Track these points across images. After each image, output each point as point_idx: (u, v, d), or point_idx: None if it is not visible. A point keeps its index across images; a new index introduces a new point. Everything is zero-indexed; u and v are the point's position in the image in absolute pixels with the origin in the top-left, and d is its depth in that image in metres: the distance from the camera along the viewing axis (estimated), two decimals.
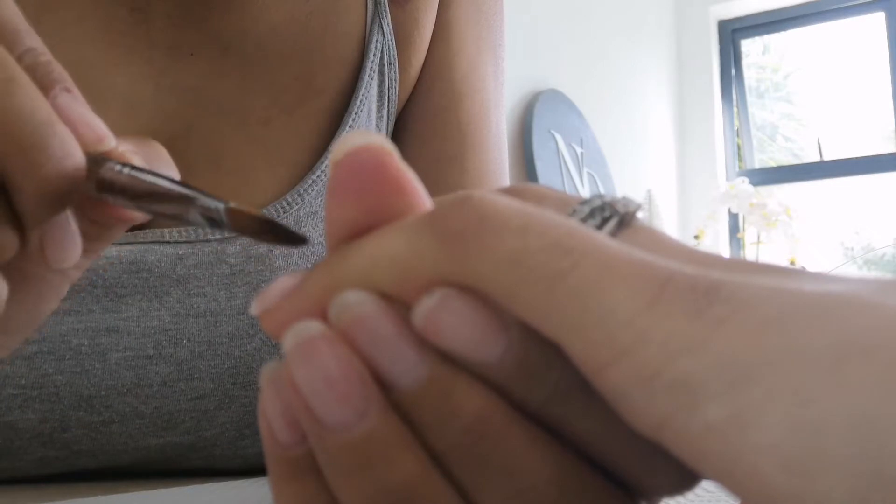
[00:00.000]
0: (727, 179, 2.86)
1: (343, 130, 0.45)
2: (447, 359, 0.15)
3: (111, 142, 0.23)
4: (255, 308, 0.17)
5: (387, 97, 0.48)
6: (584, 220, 0.18)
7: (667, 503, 0.27)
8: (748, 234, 2.62)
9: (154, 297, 0.40)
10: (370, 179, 0.16)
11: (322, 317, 0.16)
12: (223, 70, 0.44)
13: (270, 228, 0.20)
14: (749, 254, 2.62)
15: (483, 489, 0.15)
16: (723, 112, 2.99)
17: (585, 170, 2.17)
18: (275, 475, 0.17)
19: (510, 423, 0.15)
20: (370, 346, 0.15)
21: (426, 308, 0.15)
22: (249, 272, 0.41)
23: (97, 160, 0.23)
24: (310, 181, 0.44)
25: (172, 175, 0.24)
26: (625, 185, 2.43)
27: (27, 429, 0.39)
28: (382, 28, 0.48)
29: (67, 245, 0.24)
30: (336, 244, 0.17)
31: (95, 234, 0.24)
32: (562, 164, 2.05)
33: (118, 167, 0.23)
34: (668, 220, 2.76)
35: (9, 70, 0.20)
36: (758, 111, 3.16)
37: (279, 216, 0.42)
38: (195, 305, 0.40)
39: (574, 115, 2.19)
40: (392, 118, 0.49)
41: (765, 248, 2.47)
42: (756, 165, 3.00)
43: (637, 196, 2.57)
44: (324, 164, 0.44)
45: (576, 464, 0.15)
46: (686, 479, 0.16)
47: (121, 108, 0.42)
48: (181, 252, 0.41)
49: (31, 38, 0.23)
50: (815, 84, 3.17)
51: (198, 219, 0.21)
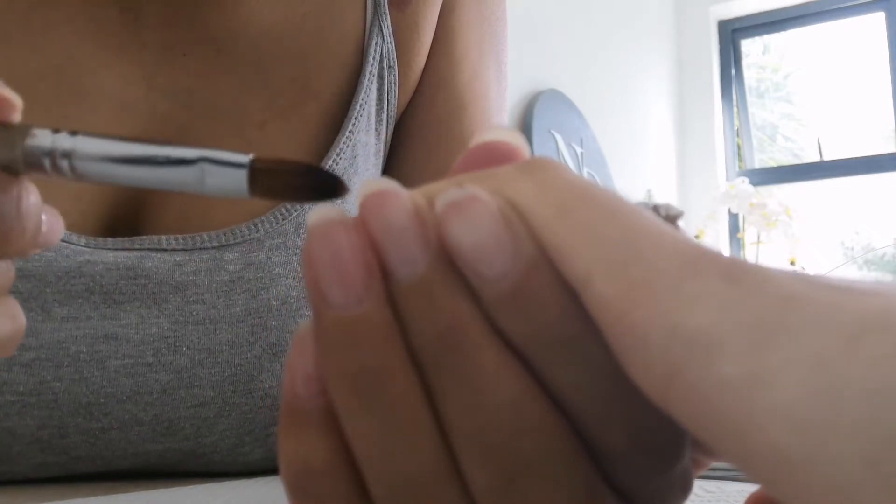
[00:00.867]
0: (727, 179, 2.86)
1: (343, 136, 0.45)
2: (445, 266, 0.16)
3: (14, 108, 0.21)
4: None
5: (386, 101, 0.48)
6: None
7: None
8: (748, 234, 2.62)
9: (153, 304, 0.40)
10: (497, 162, 0.18)
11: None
12: (217, 71, 0.44)
13: (308, 174, 0.19)
14: (749, 254, 2.62)
15: (446, 396, 0.16)
16: (723, 112, 2.99)
17: (585, 170, 2.17)
18: (284, 424, 0.17)
19: (482, 342, 0.16)
20: (380, 231, 0.16)
21: (452, 196, 0.16)
22: (248, 279, 0.41)
23: (6, 133, 0.20)
24: None
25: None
26: (625, 185, 2.43)
27: (25, 435, 0.39)
28: (382, 31, 0.47)
29: (56, 231, 0.24)
30: None
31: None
32: None
33: (46, 138, 0.20)
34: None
35: None
36: (758, 111, 3.16)
37: (278, 223, 0.42)
38: (194, 312, 0.40)
39: (574, 115, 2.19)
40: (392, 122, 0.49)
41: (765, 248, 2.47)
42: (756, 165, 3.00)
43: (637, 196, 2.57)
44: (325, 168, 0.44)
45: (540, 400, 0.16)
46: (655, 470, 0.16)
47: (112, 111, 0.42)
48: (179, 259, 0.40)
49: None
50: (815, 84, 3.17)
51: (188, 180, 0.20)
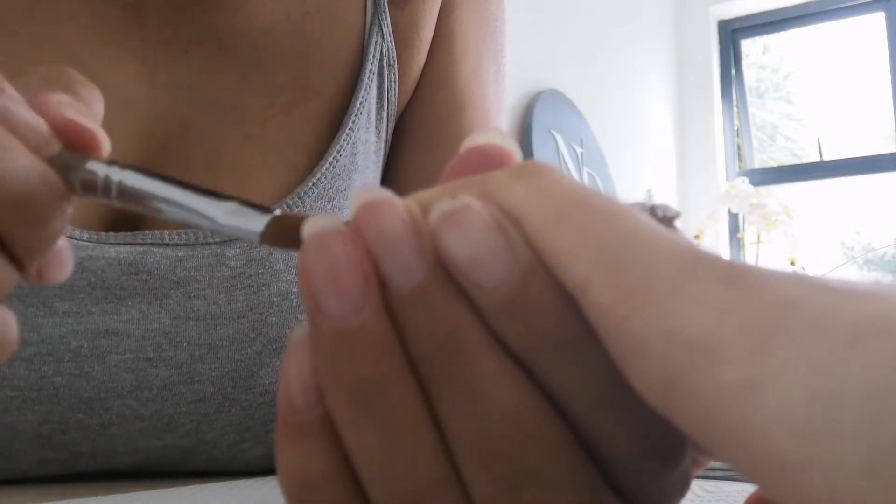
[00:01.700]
0: (727, 179, 2.86)
1: (343, 133, 0.45)
2: (443, 274, 0.16)
3: (55, 146, 0.22)
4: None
5: (386, 99, 0.48)
6: None
7: None
8: (748, 234, 2.62)
9: (154, 300, 0.40)
10: (491, 166, 0.18)
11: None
12: (219, 68, 0.44)
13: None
14: (749, 254, 2.62)
15: (446, 404, 0.16)
16: (723, 112, 2.99)
17: (585, 170, 2.17)
18: (282, 435, 0.17)
19: (482, 349, 0.15)
20: (376, 241, 0.16)
21: (446, 208, 0.16)
22: (250, 275, 0.41)
23: (71, 160, 0.22)
24: (310, 184, 0.44)
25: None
26: (625, 185, 2.43)
27: (26, 430, 0.39)
28: (382, 29, 0.47)
29: (64, 264, 0.24)
30: None
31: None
32: (562, 164, 2.05)
33: (102, 168, 0.22)
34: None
35: None
36: (758, 111, 3.16)
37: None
38: (195, 308, 0.40)
39: (574, 115, 2.19)
40: (392, 120, 0.49)
41: (765, 248, 2.47)
42: (756, 165, 3.00)
43: (637, 196, 2.57)
44: (324, 167, 0.44)
45: (542, 408, 0.16)
46: (656, 474, 0.16)
47: (115, 108, 0.41)
48: (180, 254, 0.40)
49: None
50: (815, 84, 3.17)
51: (217, 225, 0.21)
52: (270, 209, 0.20)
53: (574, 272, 0.15)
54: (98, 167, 0.22)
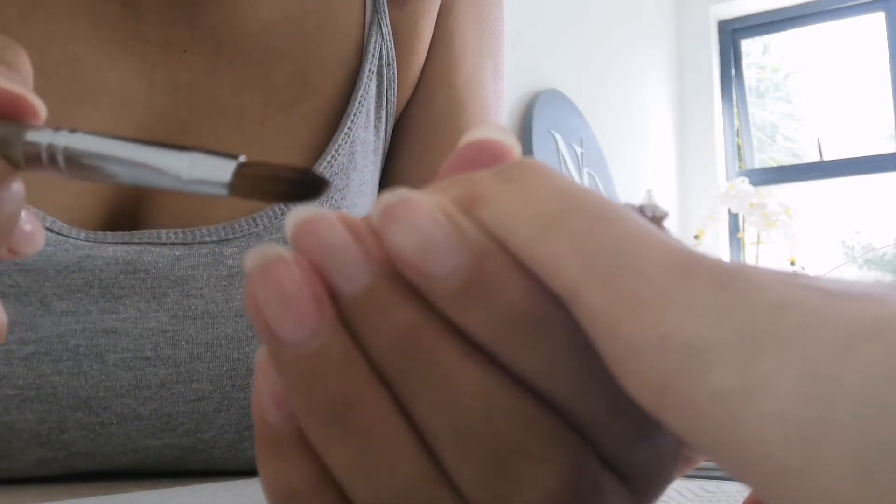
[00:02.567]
0: (727, 179, 2.86)
1: (341, 132, 0.45)
2: (388, 272, 0.16)
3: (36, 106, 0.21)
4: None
5: (385, 98, 0.48)
6: None
7: (668, 503, 0.27)
8: (748, 234, 2.62)
9: (152, 298, 0.40)
10: (489, 163, 0.18)
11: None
12: (217, 67, 0.44)
13: (293, 178, 0.19)
14: (749, 254, 2.62)
15: (416, 401, 0.16)
16: (723, 112, 2.99)
17: (585, 170, 2.17)
18: (261, 451, 0.17)
19: (441, 338, 0.15)
20: (317, 255, 0.16)
21: (385, 203, 0.15)
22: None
23: (8, 133, 0.21)
24: None
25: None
26: (625, 185, 2.43)
27: (25, 429, 0.39)
28: (381, 28, 0.48)
29: (34, 238, 0.24)
30: None
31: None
32: (562, 164, 2.05)
33: (44, 137, 0.20)
34: (669, 220, 2.76)
35: None
36: (758, 111, 3.16)
37: (277, 219, 0.42)
38: (193, 307, 0.40)
39: (574, 115, 2.19)
40: (391, 120, 0.49)
41: (765, 248, 2.47)
42: (756, 165, 3.00)
43: (637, 196, 2.57)
44: (321, 166, 0.44)
45: (511, 385, 0.16)
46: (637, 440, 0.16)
47: (113, 107, 0.42)
48: (178, 253, 0.40)
49: None
50: (815, 84, 3.17)
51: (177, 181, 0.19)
52: (235, 156, 0.19)
53: (565, 278, 0.14)
54: (39, 136, 0.21)
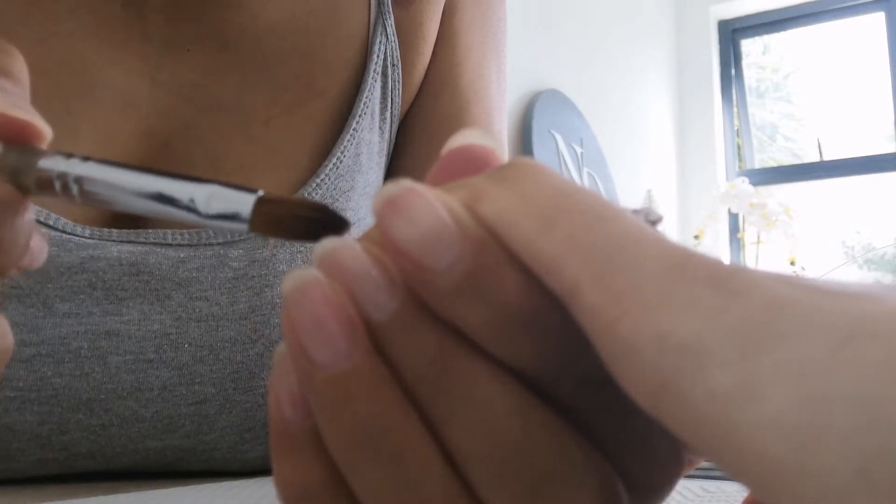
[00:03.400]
0: (727, 179, 2.86)
1: (347, 133, 0.45)
2: (416, 297, 0.16)
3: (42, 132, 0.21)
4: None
5: (390, 99, 0.48)
6: None
7: (668, 503, 0.27)
8: (748, 234, 2.62)
9: (155, 301, 0.39)
10: (474, 172, 0.18)
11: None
12: (221, 67, 0.44)
13: (315, 217, 0.19)
14: (749, 254, 2.62)
15: (449, 423, 0.16)
16: (723, 112, 2.99)
17: (585, 170, 2.17)
18: (276, 448, 0.17)
19: (472, 360, 0.16)
20: (349, 283, 0.16)
21: (387, 194, 0.15)
22: (252, 276, 0.41)
23: (20, 160, 0.20)
24: (313, 185, 0.43)
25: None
26: (625, 185, 2.43)
27: (25, 431, 0.39)
28: (386, 30, 0.47)
29: (39, 254, 0.24)
30: None
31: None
32: (562, 164, 2.05)
33: (58, 164, 0.20)
34: (668, 220, 2.76)
35: None
36: (758, 111, 3.16)
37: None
38: (197, 309, 0.40)
39: (574, 115, 2.19)
40: (396, 120, 0.49)
41: (765, 248, 2.47)
42: (756, 165, 3.00)
43: (637, 196, 2.57)
44: (327, 168, 0.44)
45: (540, 404, 0.16)
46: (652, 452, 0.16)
47: (116, 106, 0.42)
48: (183, 255, 0.40)
49: None
50: (815, 84, 3.17)
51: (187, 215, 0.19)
52: (254, 189, 0.19)
53: (564, 277, 0.15)
54: (52, 163, 0.20)
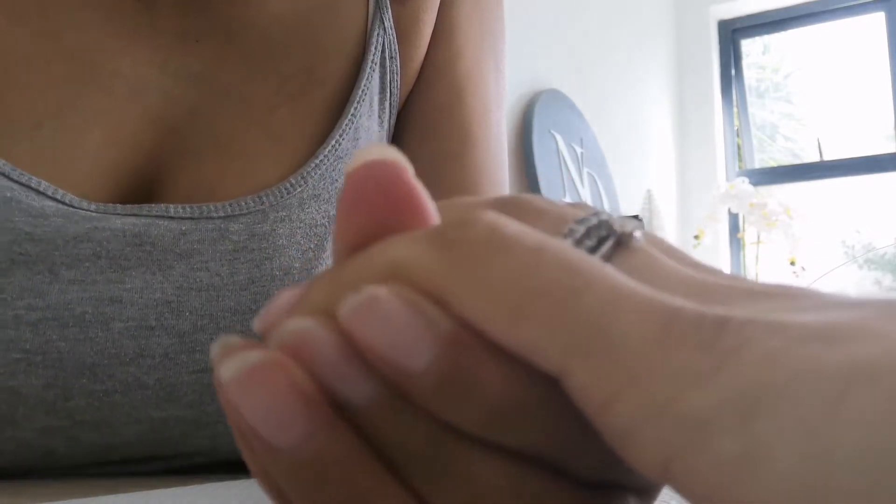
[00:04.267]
0: (727, 179, 2.86)
1: (345, 119, 0.47)
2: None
3: None
4: (258, 324, 0.17)
5: (388, 90, 0.50)
6: (580, 240, 0.17)
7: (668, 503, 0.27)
8: (748, 234, 2.62)
9: (157, 270, 0.41)
10: (382, 192, 0.16)
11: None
12: (228, 58, 0.46)
13: None
14: (749, 254, 2.62)
15: (442, 499, 0.15)
16: (723, 112, 2.99)
17: (585, 170, 2.17)
18: (252, 471, 0.17)
19: (465, 438, 0.15)
20: (317, 368, 0.15)
21: (351, 305, 0.15)
22: (252, 249, 0.42)
23: None
24: (312, 165, 0.45)
25: None
26: (625, 185, 2.43)
27: (31, 395, 0.39)
28: (384, 23, 0.49)
29: None
30: (343, 254, 0.17)
31: None
32: (562, 164, 2.05)
33: None
34: (668, 220, 2.77)
35: None
36: (758, 111, 3.16)
37: (283, 197, 0.44)
38: (198, 279, 0.41)
39: (574, 115, 2.19)
40: (394, 111, 0.50)
41: (765, 248, 2.48)
42: (756, 165, 3.01)
43: (637, 196, 2.57)
44: (326, 150, 0.45)
45: (533, 471, 0.15)
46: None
47: (125, 92, 0.43)
48: (184, 228, 0.41)
49: None
50: (815, 84, 3.17)
51: None
52: None
53: (548, 363, 0.14)
54: None
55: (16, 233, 0.38)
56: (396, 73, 0.50)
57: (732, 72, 3.01)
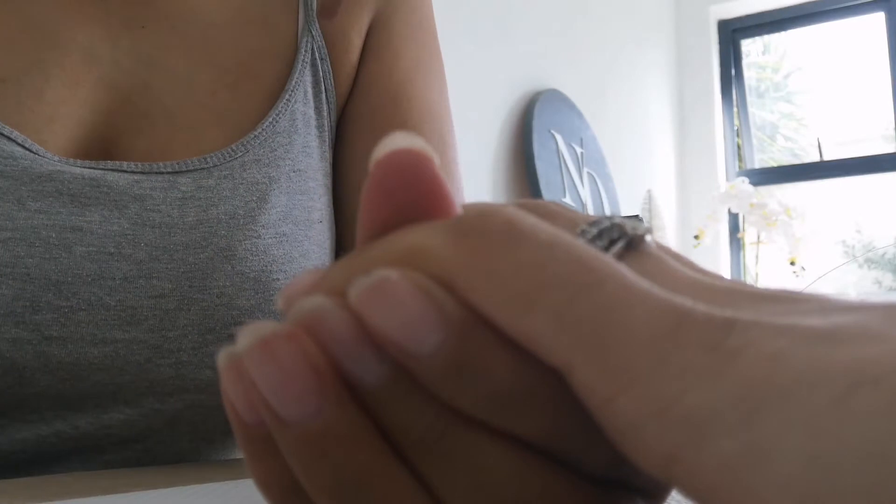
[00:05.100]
0: (727, 179, 2.86)
1: (282, 101, 0.52)
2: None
3: None
4: (280, 303, 0.17)
5: (323, 86, 0.55)
6: (592, 241, 0.18)
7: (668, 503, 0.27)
8: (748, 234, 2.62)
9: (114, 208, 0.45)
10: (406, 181, 0.17)
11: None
12: (172, 45, 0.51)
13: None
14: (749, 254, 2.62)
15: (446, 484, 0.15)
16: (723, 112, 2.99)
17: (585, 170, 2.17)
18: (245, 452, 0.17)
19: (471, 422, 0.15)
20: (329, 345, 0.15)
21: (362, 286, 0.15)
22: (199, 198, 0.46)
23: None
24: (252, 136, 0.50)
25: None
26: (625, 185, 2.43)
27: (1, 305, 0.42)
28: (312, 32, 0.55)
29: None
30: (366, 240, 0.17)
31: None
32: (562, 164, 2.05)
33: None
34: (668, 220, 2.77)
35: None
36: (758, 111, 3.16)
37: (226, 160, 0.48)
38: (151, 218, 0.45)
39: (574, 115, 2.19)
40: (332, 106, 0.56)
41: (765, 248, 2.48)
42: (756, 165, 3.01)
43: (637, 196, 2.57)
44: (264, 125, 0.50)
45: (539, 462, 0.15)
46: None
47: (82, 58, 0.48)
48: (137, 178, 0.46)
49: None
50: (815, 84, 3.17)
51: None
52: None
53: (553, 356, 0.14)
54: None
55: None
56: (329, 73, 0.56)
57: (732, 72, 3.01)
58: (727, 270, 2.85)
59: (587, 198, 2.14)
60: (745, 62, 3.06)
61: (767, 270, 2.54)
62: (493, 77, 1.92)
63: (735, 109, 3.01)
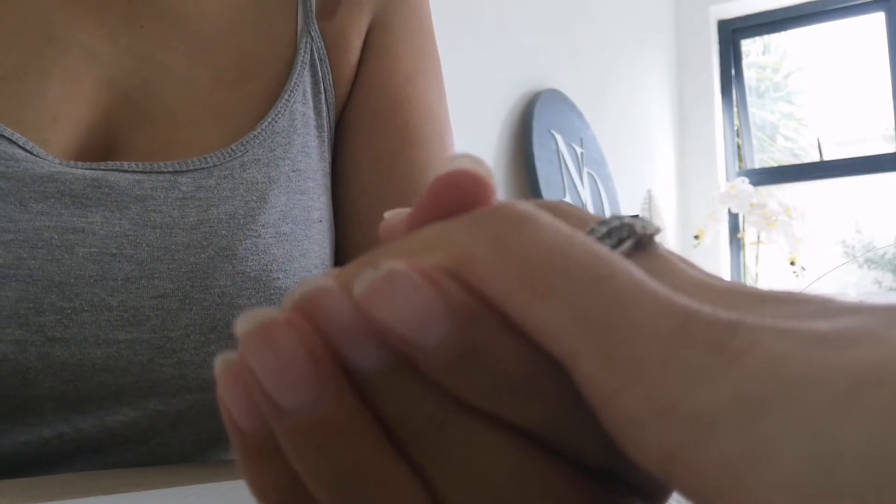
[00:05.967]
0: (727, 179, 2.86)
1: (281, 101, 0.52)
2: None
3: None
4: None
5: (322, 86, 0.55)
6: (601, 240, 0.18)
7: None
8: (748, 234, 2.62)
9: (116, 209, 0.45)
10: (460, 202, 0.17)
11: None
12: (171, 43, 0.51)
13: None
14: (749, 254, 2.62)
15: (443, 475, 0.15)
16: (723, 112, 2.99)
17: (585, 170, 2.17)
18: (241, 458, 0.17)
19: (471, 412, 0.15)
20: (331, 333, 0.15)
21: (368, 278, 0.15)
22: (200, 198, 0.47)
23: None
24: (252, 135, 0.50)
25: None
26: (625, 185, 2.43)
27: (5, 308, 0.42)
28: (311, 34, 0.55)
29: None
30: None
31: None
32: (562, 164, 2.05)
33: None
34: (668, 220, 2.77)
35: None
36: (758, 111, 3.16)
37: (225, 160, 0.48)
38: (152, 218, 0.45)
39: (574, 115, 2.19)
40: (331, 106, 0.56)
41: (765, 248, 2.48)
42: (756, 165, 3.01)
43: (637, 196, 2.57)
44: (264, 125, 0.50)
45: (538, 453, 0.15)
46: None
47: (81, 55, 0.48)
48: (138, 178, 0.46)
49: None
50: (815, 84, 3.17)
51: None
52: None
53: (560, 346, 0.14)
54: None
55: None
56: (328, 74, 0.56)
57: (732, 72, 3.01)
58: (727, 270, 2.85)
59: (587, 198, 2.14)
60: (745, 62, 3.06)
61: (767, 270, 2.54)
62: (493, 77, 1.92)
63: (735, 109, 3.01)
